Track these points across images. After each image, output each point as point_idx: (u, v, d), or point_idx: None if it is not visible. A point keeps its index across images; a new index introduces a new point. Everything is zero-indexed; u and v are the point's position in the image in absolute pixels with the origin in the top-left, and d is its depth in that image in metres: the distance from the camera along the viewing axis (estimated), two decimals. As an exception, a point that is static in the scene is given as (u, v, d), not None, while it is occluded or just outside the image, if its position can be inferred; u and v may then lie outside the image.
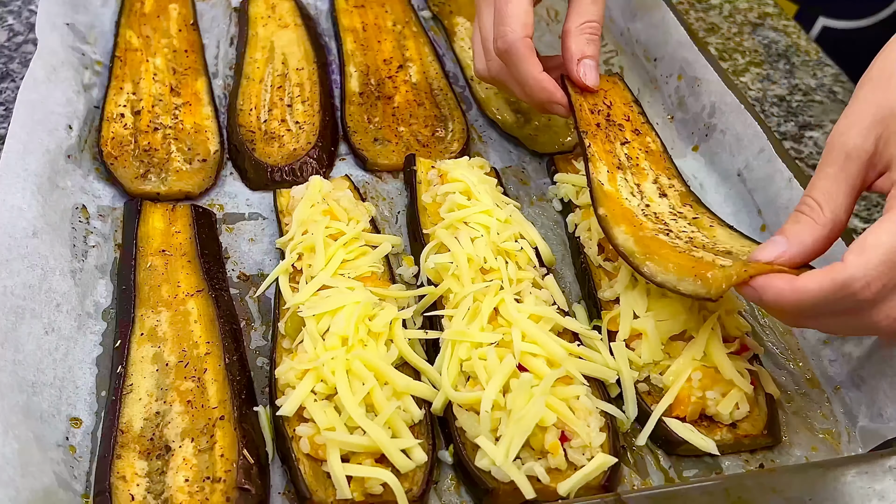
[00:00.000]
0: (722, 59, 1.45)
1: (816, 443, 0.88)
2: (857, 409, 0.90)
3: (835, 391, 0.93)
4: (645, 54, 1.35)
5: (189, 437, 0.85)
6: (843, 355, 0.93)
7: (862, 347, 0.91)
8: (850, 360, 0.92)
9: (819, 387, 0.94)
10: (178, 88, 1.26)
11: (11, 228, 0.93)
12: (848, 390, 0.92)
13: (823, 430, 0.89)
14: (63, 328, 0.93)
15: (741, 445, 0.87)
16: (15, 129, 1.03)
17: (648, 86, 1.33)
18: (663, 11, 1.31)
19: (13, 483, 0.73)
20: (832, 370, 0.94)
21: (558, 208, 1.14)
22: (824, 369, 0.95)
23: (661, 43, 1.31)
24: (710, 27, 1.52)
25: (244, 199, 1.13)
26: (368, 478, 0.80)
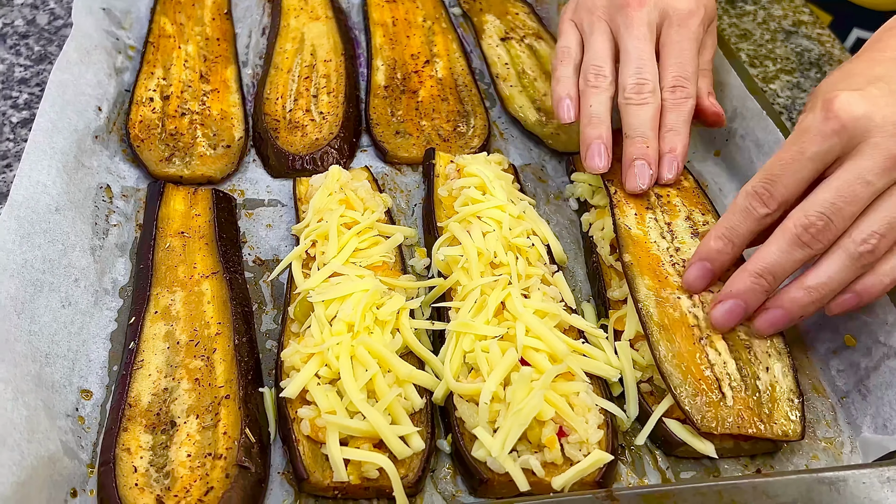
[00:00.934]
0: (752, 65, 1.44)
1: (818, 451, 0.88)
2: (862, 419, 0.89)
3: (841, 401, 0.92)
4: (672, 58, 1.34)
5: (194, 414, 0.86)
6: (852, 365, 0.93)
7: (870, 359, 0.91)
8: (858, 371, 0.92)
9: (825, 395, 0.93)
10: (208, 75, 1.28)
11: (35, 204, 0.96)
12: (854, 400, 0.91)
13: (826, 439, 0.89)
14: (80, 303, 0.96)
15: (741, 450, 0.87)
16: (45, 108, 1.06)
17: (674, 89, 1.32)
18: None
19: (19, 448, 0.75)
20: (839, 380, 0.94)
21: (574, 207, 1.14)
22: (832, 379, 0.94)
23: (688, 47, 1.30)
24: (742, 33, 1.51)
25: (265, 185, 1.15)
26: (365, 462, 0.81)
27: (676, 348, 0.88)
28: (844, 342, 0.94)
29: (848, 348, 0.93)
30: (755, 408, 0.85)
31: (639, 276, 0.94)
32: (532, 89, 1.30)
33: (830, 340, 0.96)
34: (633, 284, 0.93)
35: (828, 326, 0.97)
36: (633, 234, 0.99)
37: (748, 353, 0.88)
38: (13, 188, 0.95)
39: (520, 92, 1.29)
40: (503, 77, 1.32)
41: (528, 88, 1.30)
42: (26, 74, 1.34)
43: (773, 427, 0.84)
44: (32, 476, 0.75)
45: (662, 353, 0.87)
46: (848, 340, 0.94)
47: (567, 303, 0.96)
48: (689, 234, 0.99)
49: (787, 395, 0.86)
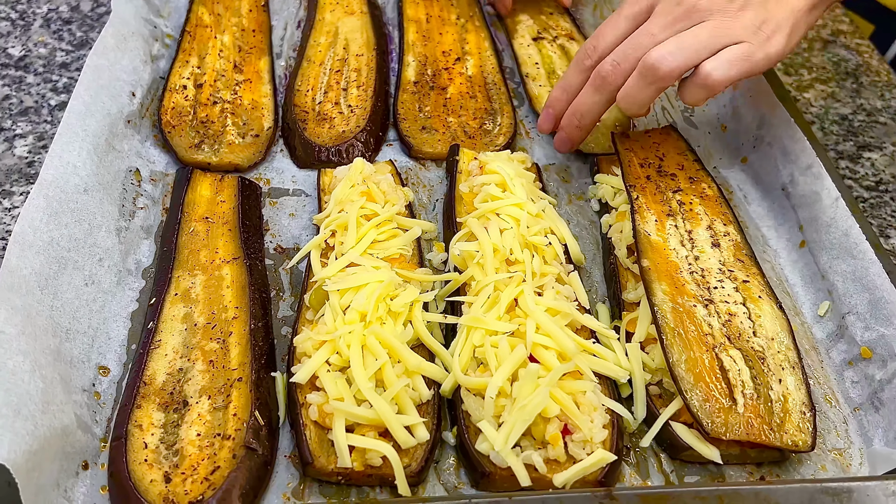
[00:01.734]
0: (787, 73, 1.42)
1: (826, 462, 0.87)
2: (874, 432, 0.88)
3: (853, 412, 0.91)
4: (704, 63, 1.33)
5: (206, 395, 0.88)
6: (867, 377, 0.92)
7: (885, 371, 0.90)
8: (872, 383, 0.91)
9: (837, 406, 0.92)
10: (242, 66, 1.30)
11: (64, 183, 0.98)
12: (867, 412, 0.90)
13: (835, 450, 0.88)
14: (103, 281, 0.98)
15: (747, 457, 0.86)
16: (80, 91, 1.09)
17: (705, 95, 1.31)
18: (726, 21, 1.30)
19: (33, 418, 0.77)
20: (853, 391, 0.93)
21: (596, 208, 1.14)
22: (845, 390, 0.93)
23: (720, 52, 1.29)
24: (779, 41, 1.49)
25: (290, 175, 1.17)
26: (369, 449, 0.82)
27: (689, 353, 0.88)
28: (861, 354, 0.93)
29: (864, 360, 0.92)
30: (766, 416, 0.84)
31: (656, 281, 0.94)
32: (561, 90, 1.30)
33: (846, 351, 0.95)
34: (650, 288, 0.93)
35: (845, 337, 0.96)
36: (653, 241, 0.99)
37: (762, 364, 0.88)
38: (43, 168, 0.98)
39: (549, 91, 1.29)
40: (533, 76, 1.32)
41: (557, 89, 1.30)
42: (67, 59, 1.37)
43: (783, 436, 0.83)
44: (45, 447, 0.77)
45: (675, 356, 0.87)
46: (864, 352, 0.93)
47: (581, 302, 0.97)
48: (709, 243, 0.99)
49: (800, 407, 0.85)
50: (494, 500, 0.74)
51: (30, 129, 1.24)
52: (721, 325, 0.90)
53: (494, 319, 0.90)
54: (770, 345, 0.89)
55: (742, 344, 0.89)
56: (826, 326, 0.99)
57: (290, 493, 0.84)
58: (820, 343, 0.98)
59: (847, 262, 0.98)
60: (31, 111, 1.27)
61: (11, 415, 0.75)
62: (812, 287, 1.03)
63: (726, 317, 0.91)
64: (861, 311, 0.95)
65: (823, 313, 0.99)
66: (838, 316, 0.97)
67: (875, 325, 0.92)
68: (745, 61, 0.97)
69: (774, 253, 1.08)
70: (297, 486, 0.84)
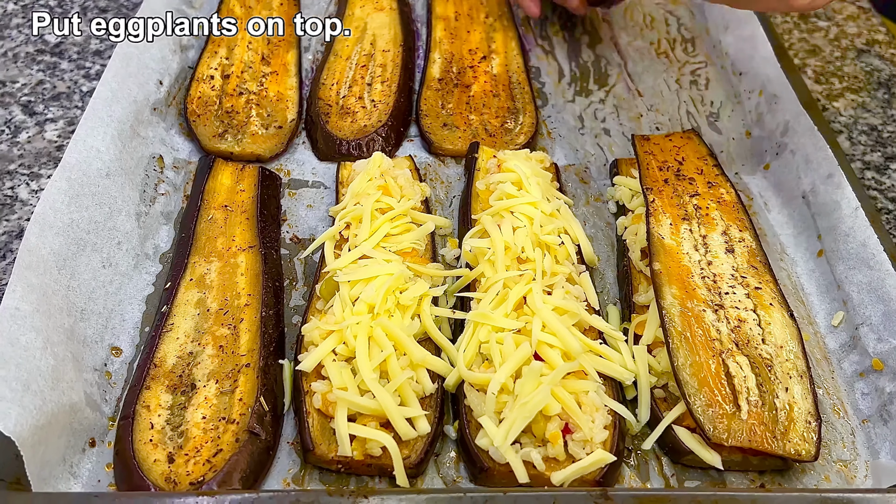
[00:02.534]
0: (818, 81, 1.41)
1: (830, 473, 0.86)
2: (881, 445, 0.87)
3: (862, 424, 0.90)
4: (732, 68, 1.33)
5: (214, 379, 0.89)
6: (877, 389, 0.90)
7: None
8: (882, 395, 0.89)
9: (846, 417, 0.91)
10: (269, 58, 1.32)
11: (87, 167, 1.01)
12: (875, 425, 0.89)
13: (841, 461, 0.87)
14: (120, 264, 1.00)
15: (749, 465, 0.85)
16: (107, 78, 1.11)
17: (732, 99, 1.31)
18: (754, 26, 1.29)
19: (42, 394, 0.79)
20: (863, 403, 0.91)
21: (613, 210, 1.14)
22: (855, 401, 0.92)
23: (747, 57, 1.29)
24: (811, 49, 1.48)
25: (311, 167, 1.18)
26: (370, 439, 0.83)
27: (695, 358, 0.87)
28: (872, 365, 0.92)
29: (875, 372, 0.91)
30: (770, 424, 0.83)
31: (666, 284, 0.94)
32: (585, 91, 1.30)
33: (858, 363, 0.94)
34: (659, 292, 0.93)
35: (857, 348, 0.95)
36: (666, 244, 0.98)
37: (769, 372, 0.87)
38: (67, 151, 1.00)
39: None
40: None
41: (581, 90, 1.30)
42: (101, 47, 1.40)
43: (786, 445, 0.83)
44: (52, 422, 0.79)
45: (681, 360, 0.87)
46: (876, 364, 0.91)
47: (590, 303, 0.96)
48: (723, 249, 0.98)
49: (805, 416, 0.84)
50: (489, 495, 0.74)
51: (61, 113, 1.27)
52: (730, 331, 0.90)
53: (501, 316, 0.91)
54: (778, 353, 0.89)
55: (750, 351, 0.88)
56: (839, 337, 0.97)
57: (290, 479, 0.85)
58: (832, 353, 0.97)
59: (863, 273, 0.97)
60: (63, 96, 1.30)
61: (21, 389, 0.77)
62: (827, 297, 1.01)
63: (735, 323, 0.91)
64: (875, 323, 0.93)
65: (837, 323, 0.98)
66: (852, 327, 0.96)
67: (888, 337, 0.91)
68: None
69: (792, 261, 1.07)
70: (297, 473, 0.85)
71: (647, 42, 1.43)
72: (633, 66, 1.38)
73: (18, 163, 1.18)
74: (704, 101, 1.31)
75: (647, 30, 1.46)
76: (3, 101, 1.29)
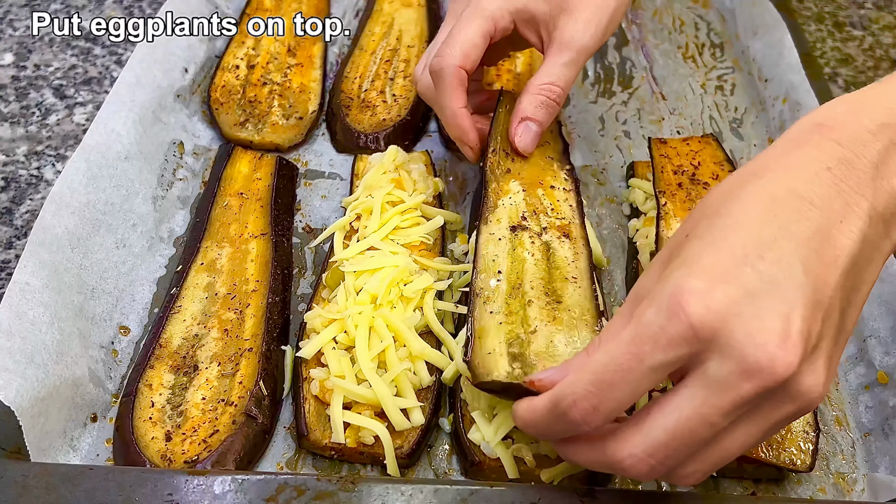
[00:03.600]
0: (847, 91, 1.38)
1: (826, 485, 0.85)
2: (881, 459, 0.86)
3: (863, 437, 0.89)
4: (759, 74, 1.31)
5: (217, 362, 0.91)
6: (881, 403, 0.89)
7: (900, 398, 0.87)
8: (885, 409, 0.88)
9: (847, 430, 0.90)
10: (295, 50, 1.33)
11: (106, 150, 1.03)
12: (876, 439, 0.88)
13: (838, 474, 0.86)
14: (134, 246, 1.02)
15: (743, 472, 0.85)
16: (133, 63, 1.14)
17: (756, 106, 1.29)
18: (782, 32, 1.28)
19: (45, 367, 0.81)
20: (866, 416, 0.90)
21: (627, 212, 1.13)
22: (858, 414, 0.91)
23: (773, 64, 1.27)
24: (844, 58, 1.46)
25: (328, 159, 1.20)
26: (363, 427, 0.84)
27: None
28: (878, 379, 0.90)
29: (880, 385, 0.90)
30: None
31: None
32: (607, 92, 1.29)
33: (864, 375, 0.92)
34: None
35: (864, 361, 0.93)
36: None
37: None
38: (87, 133, 1.02)
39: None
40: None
41: (603, 91, 1.30)
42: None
43: (781, 454, 0.82)
44: (53, 394, 0.81)
45: None
46: (881, 377, 0.90)
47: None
48: None
49: (803, 426, 0.83)
50: (475, 488, 0.74)
51: (90, 98, 1.30)
52: None
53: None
54: None
55: None
56: (847, 349, 0.96)
57: (283, 463, 0.86)
58: (839, 365, 0.95)
59: (876, 285, 0.95)
60: (94, 81, 1.33)
61: (24, 361, 0.79)
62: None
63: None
64: (883, 336, 0.92)
65: (846, 335, 0.97)
66: (860, 339, 0.95)
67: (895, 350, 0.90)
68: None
69: (805, 271, 1.06)
70: (291, 457, 0.87)
71: (675, 46, 1.42)
72: (658, 70, 1.37)
73: (46, 144, 1.21)
74: (728, 107, 1.30)
75: (676, 33, 1.45)
76: (37, 84, 1.32)
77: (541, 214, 0.98)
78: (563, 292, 0.89)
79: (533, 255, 0.93)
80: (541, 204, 0.98)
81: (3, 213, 1.11)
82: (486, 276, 0.92)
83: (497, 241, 0.95)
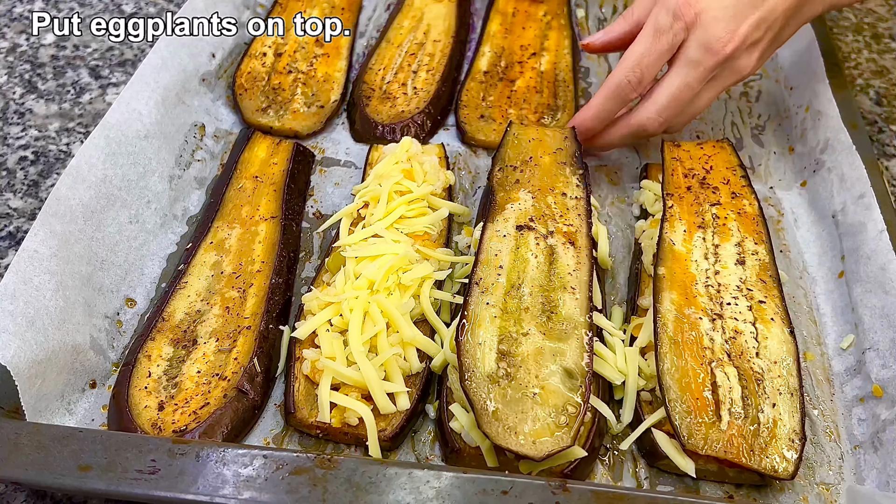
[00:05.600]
0: (879, 103, 1.36)
1: (810, 494, 0.84)
2: (868, 472, 0.85)
3: (853, 450, 0.88)
4: (785, 82, 1.30)
5: (215, 337, 0.93)
6: (873, 416, 0.88)
7: (892, 411, 0.86)
8: (877, 422, 0.87)
9: (838, 442, 0.88)
10: (323, 40, 1.35)
11: (126, 128, 1.06)
12: (866, 451, 0.86)
13: (823, 484, 0.85)
14: (147, 222, 1.05)
15: (725, 476, 0.84)
16: (160, 46, 1.17)
17: (780, 114, 1.28)
18: (809, 40, 1.26)
19: (45, 331, 0.84)
20: (858, 429, 0.89)
21: (636, 213, 1.13)
22: (850, 427, 0.89)
23: (799, 72, 1.26)
24: (879, 69, 1.43)
25: (345, 147, 1.22)
26: (349, 408, 0.85)
27: (682, 364, 0.86)
28: (873, 391, 0.89)
29: (874, 398, 0.89)
30: (749, 437, 0.82)
31: (668, 289, 0.93)
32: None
33: (860, 388, 0.91)
34: (659, 296, 0.92)
35: (861, 373, 0.92)
36: (676, 250, 0.97)
37: (758, 387, 0.86)
38: (109, 111, 1.06)
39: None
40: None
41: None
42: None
43: (763, 460, 0.81)
44: (52, 358, 0.84)
45: (667, 365, 0.86)
46: (876, 390, 0.89)
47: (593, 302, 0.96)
48: (733, 260, 0.97)
49: (789, 434, 0.83)
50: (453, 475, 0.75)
51: (124, 79, 1.33)
52: (724, 342, 0.89)
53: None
54: (771, 367, 0.87)
55: (741, 363, 0.87)
56: (846, 360, 0.95)
57: (270, 439, 0.88)
58: (836, 376, 0.94)
59: (878, 297, 0.94)
60: (129, 63, 1.37)
61: (25, 325, 0.82)
62: (841, 319, 0.99)
63: (731, 334, 0.89)
64: (882, 349, 0.91)
65: (846, 346, 0.96)
66: (860, 351, 0.93)
67: (893, 363, 0.88)
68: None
69: (812, 280, 1.04)
70: (279, 433, 0.89)
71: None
72: (685, 74, 1.36)
73: (77, 121, 1.26)
74: (752, 113, 1.29)
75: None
76: (74, 63, 1.37)
77: (549, 219, 0.99)
78: (559, 302, 0.90)
79: (536, 256, 0.94)
80: (550, 209, 0.99)
81: (31, 185, 1.15)
82: (488, 268, 0.93)
83: (502, 238, 0.96)
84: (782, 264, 1.06)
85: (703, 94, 1.06)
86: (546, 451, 0.79)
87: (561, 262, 0.94)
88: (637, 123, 1.07)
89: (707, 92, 1.06)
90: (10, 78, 1.33)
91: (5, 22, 1.45)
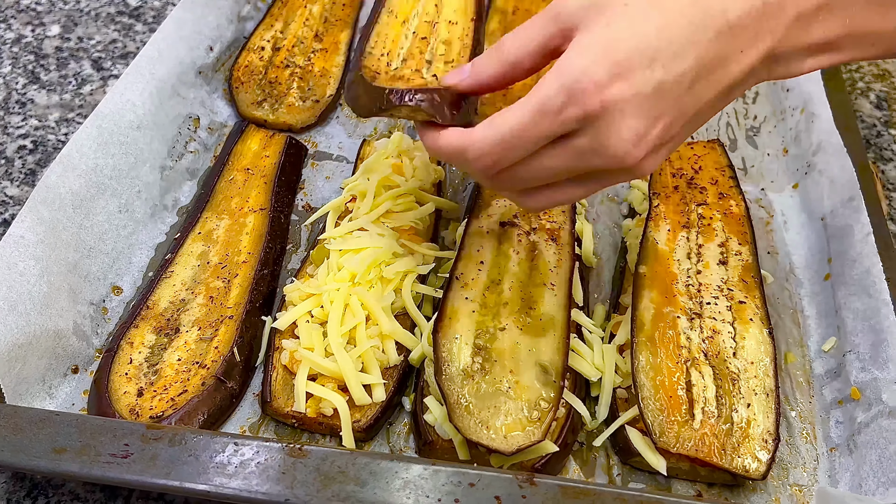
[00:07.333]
0: (879, 107, 1.35)
1: (782, 496, 0.84)
2: (842, 475, 0.84)
3: (829, 452, 0.87)
4: (782, 83, 1.29)
5: (197, 326, 0.94)
6: (851, 419, 0.87)
7: (868, 414, 0.85)
8: (853, 425, 0.86)
9: (814, 444, 0.88)
10: (323, 35, 1.36)
11: (119, 118, 1.07)
12: (841, 454, 0.86)
13: (796, 485, 0.84)
14: (136, 211, 1.06)
15: (697, 475, 0.84)
16: (157, 38, 1.18)
17: (776, 115, 1.27)
18: (807, 42, 1.25)
19: (27, 316, 0.85)
20: (835, 432, 0.88)
21: (625, 212, 1.13)
22: (827, 429, 0.89)
23: (796, 74, 1.25)
24: (881, 73, 1.42)
25: (338, 142, 1.22)
26: (324, 399, 0.86)
27: (656, 362, 0.86)
28: (851, 394, 0.88)
29: (852, 400, 0.88)
30: (721, 437, 0.82)
31: (647, 288, 0.93)
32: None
33: (839, 391, 0.91)
34: (638, 294, 0.92)
35: (841, 376, 0.91)
36: (659, 249, 0.97)
37: (733, 387, 0.86)
38: (103, 101, 1.07)
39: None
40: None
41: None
42: (174, 13, 1.48)
43: (734, 460, 0.81)
44: (33, 343, 0.85)
45: (641, 363, 0.86)
46: (854, 393, 0.88)
47: (574, 299, 0.96)
48: (716, 260, 0.97)
49: (762, 434, 0.83)
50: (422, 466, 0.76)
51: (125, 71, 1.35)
52: (701, 341, 0.89)
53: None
54: (748, 368, 0.87)
55: (717, 363, 0.87)
56: (827, 363, 0.94)
57: (247, 427, 0.89)
58: (816, 378, 0.94)
59: (861, 300, 0.93)
60: (131, 56, 1.38)
61: (6, 309, 0.84)
62: (825, 321, 0.98)
63: (709, 333, 0.89)
64: (862, 352, 0.90)
65: (828, 349, 0.95)
66: (841, 353, 0.93)
67: (872, 367, 0.88)
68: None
69: (798, 282, 1.04)
70: (255, 422, 0.89)
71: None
72: (682, 74, 1.35)
73: (77, 112, 1.27)
74: (748, 115, 1.28)
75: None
76: (77, 55, 1.39)
77: (532, 216, 0.99)
78: (538, 298, 0.90)
79: (518, 252, 0.95)
80: None
81: (28, 174, 1.17)
82: (469, 263, 0.94)
83: (484, 234, 0.97)
84: (769, 266, 1.05)
85: (566, 187, 0.78)
86: (516, 445, 0.79)
87: (542, 259, 0.95)
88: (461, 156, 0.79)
89: (576, 186, 0.78)
90: (13, 68, 1.35)
91: (12, 13, 1.47)
